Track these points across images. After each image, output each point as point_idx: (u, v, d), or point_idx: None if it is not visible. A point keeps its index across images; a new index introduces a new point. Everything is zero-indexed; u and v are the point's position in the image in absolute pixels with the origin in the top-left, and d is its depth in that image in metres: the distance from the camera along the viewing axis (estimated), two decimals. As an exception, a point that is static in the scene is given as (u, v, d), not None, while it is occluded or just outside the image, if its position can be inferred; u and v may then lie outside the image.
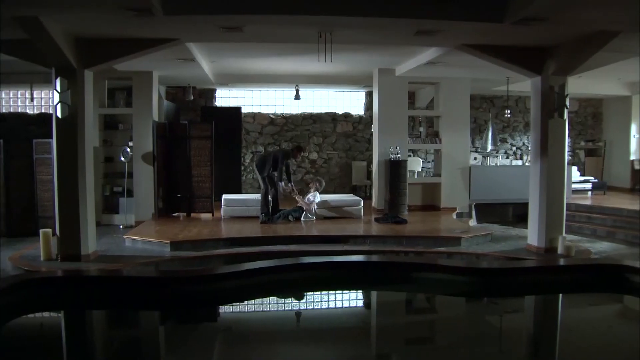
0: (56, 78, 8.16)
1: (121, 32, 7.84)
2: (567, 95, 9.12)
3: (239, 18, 7.06)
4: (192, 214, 12.36)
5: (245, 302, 6.78)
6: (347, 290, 7.27)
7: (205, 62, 11.53)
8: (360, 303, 7.32)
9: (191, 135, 12.34)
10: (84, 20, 7.14)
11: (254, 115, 15.92)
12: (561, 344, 5.50)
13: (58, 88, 8.16)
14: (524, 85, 10.32)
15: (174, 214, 12.37)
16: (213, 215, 12.24)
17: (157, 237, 9.74)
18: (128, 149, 11.71)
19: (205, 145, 12.33)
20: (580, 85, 14.18)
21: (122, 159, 11.59)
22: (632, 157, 16.62)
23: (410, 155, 14.51)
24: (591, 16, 6.93)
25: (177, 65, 11.03)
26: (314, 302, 7.06)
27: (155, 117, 12.33)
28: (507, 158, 17.26)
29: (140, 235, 9.89)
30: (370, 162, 14.96)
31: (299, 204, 11.73)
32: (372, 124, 14.38)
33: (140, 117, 12.05)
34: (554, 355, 5.26)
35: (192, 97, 14.63)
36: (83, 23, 7.32)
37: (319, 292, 7.21)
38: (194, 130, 12.42)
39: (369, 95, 15.87)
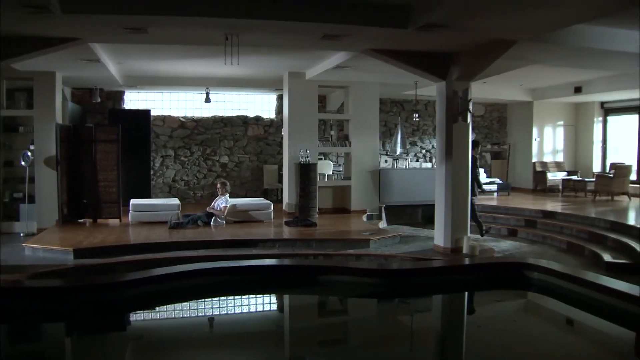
0: (-55, 77, 7.75)
1: (17, 30, 7.47)
2: (471, 100, 9.43)
3: (142, 19, 6.90)
4: (99, 220, 11.99)
5: (157, 309, 6.65)
6: (257, 294, 7.25)
7: (111, 63, 11.23)
8: (273, 307, 7.31)
9: (97, 138, 11.96)
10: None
11: (164, 119, 15.63)
12: (469, 340, 5.68)
13: (-53, 88, 7.75)
14: (432, 89, 10.60)
15: (79, 220, 11.96)
16: (121, 220, 11.91)
17: (59, 245, 9.40)
18: (29, 153, 11.24)
19: (112, 149, 11.99)
20: (486, 90, 14.72)
21: (23, 163, 11.12)
22: (534, 160, 17.39)
23: (321, 159, 14.61)
24: (489, 25, 7.21)
25: (82, 65, 10.69)
26: (225, 307, 6.99)
27: (59, 120, 11.89)
28: (417, 161, 17.68)
29: (41, 243, 9.51)
30: (282, 166, 14.96)
31: (209, 209, 11.61)
32: (283, 127, 14.40)
33: (43, 120, 11.60)
34: (461, 351, 5.42)
35: (99, 99, 14.24)
36: (-25, 19, 6.96)
37: (230, 297, 7.14)
38: (100, 133, 12.05)
39: (280, 99, 15.88)
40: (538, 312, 6.88)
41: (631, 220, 11.33)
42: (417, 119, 16.25)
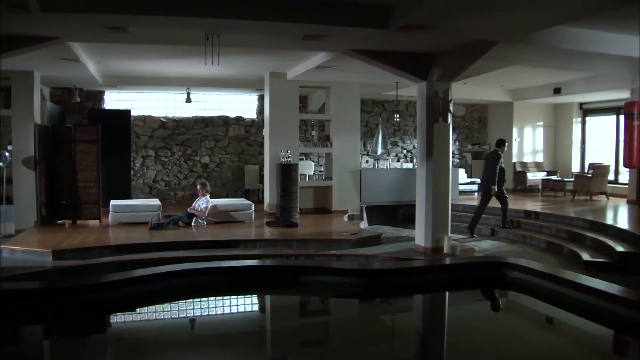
0: None
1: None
2: (451, 100, 9.48)
3: (122, 18, 6.85)
4: (79, 221, 11.88)
5: (138, 310, 6.60)
6: (239, 295, 7.22)
7: (91, 63, 11.14)
8: (255, 307, 7.28)
9: (76, 138, 11.84)
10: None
11: (145, 119, 15.53)
12: (450, 339, 5.71)
13: None
14: (413, 90, 10.64)
15: (58, 222, 11.84)
16: (100, 221, 11.81)
17: (38, 246, 9.30)
18: (7, 153, 11.13)
19: (91, 150, 11.88)
20: (466, 91, 14.80)
21: (0, 163, 10.99)
22: (514, 160, 17.49)
23: (302, 159, 14.61)
24: (470, 25, 7.25)
25: (61, 65, 10.59)
26: (207, 307, 6.96)
27: (38, 120, 11.79)
28: (398, 161, 17.72)
29: (19, 245, 9.41)
30: (263, 166, 14.93)
31: (190, 210, 11.57)
32: (264, 127, 14.37)
33: (21, 120, 11.50)
34: (442, 350, 5.44)
35: (78, 99, 14.11)
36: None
37: (212, 298, 7.11)
38: (79, 133, 11.93)
39: (261, 99, 15.86)
40: (518, 311, 6.93)
41: (609, 219, 11.47)
42: (398, 120, 16.31)
